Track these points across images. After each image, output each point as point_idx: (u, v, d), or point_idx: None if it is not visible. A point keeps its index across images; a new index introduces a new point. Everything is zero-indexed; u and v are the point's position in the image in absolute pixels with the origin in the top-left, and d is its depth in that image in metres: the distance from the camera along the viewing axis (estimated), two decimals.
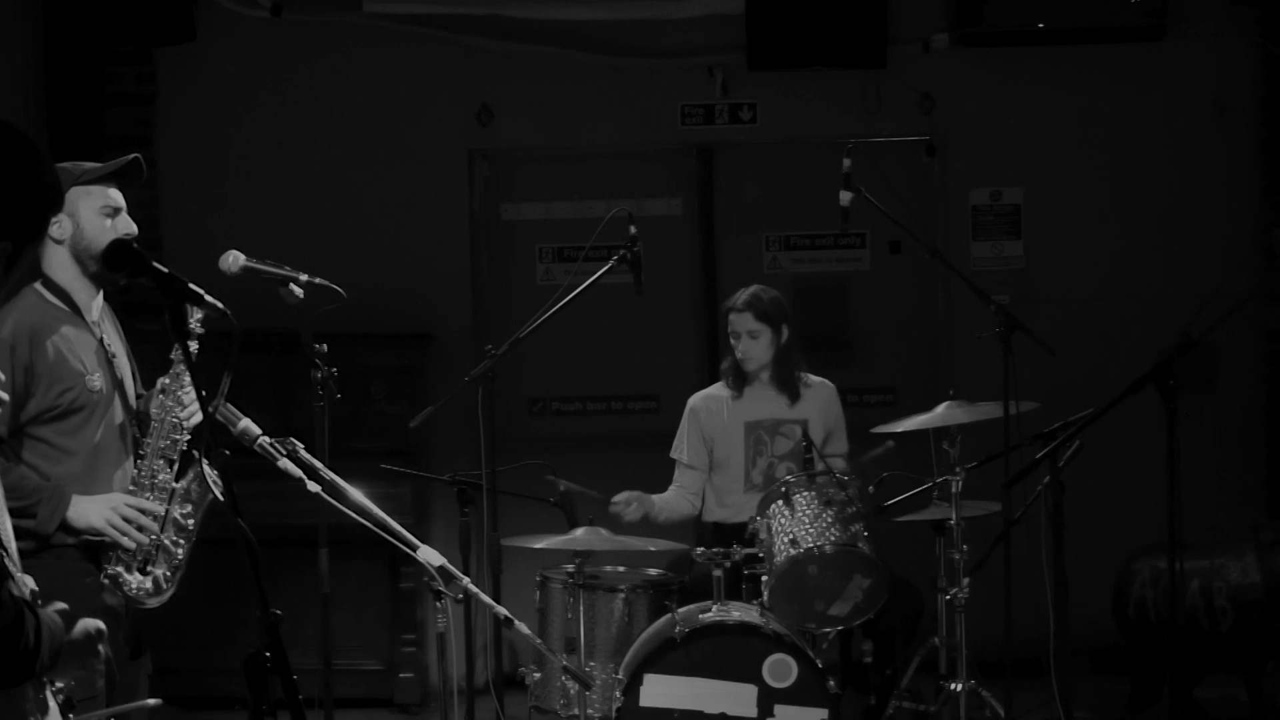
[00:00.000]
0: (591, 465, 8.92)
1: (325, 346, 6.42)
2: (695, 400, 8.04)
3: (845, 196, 7.48)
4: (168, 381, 5.58)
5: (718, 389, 8.01)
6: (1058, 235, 10.12)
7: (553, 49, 10.03)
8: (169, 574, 5.54)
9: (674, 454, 8.03)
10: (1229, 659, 8.24)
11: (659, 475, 8.06)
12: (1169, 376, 5.86)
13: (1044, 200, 10.15)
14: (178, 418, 5.55)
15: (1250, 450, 10.07)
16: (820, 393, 7.96)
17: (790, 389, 7.87)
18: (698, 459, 7.96)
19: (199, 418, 5.48)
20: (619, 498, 7.74)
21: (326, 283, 6.35)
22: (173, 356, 5.54)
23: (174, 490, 5.56)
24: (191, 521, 5.58)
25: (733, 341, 7.88)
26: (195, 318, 5.01)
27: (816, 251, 10.22)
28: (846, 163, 7.49)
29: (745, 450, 7.88)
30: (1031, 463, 6.52)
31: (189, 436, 5.56)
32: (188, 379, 5.48)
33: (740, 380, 7.92)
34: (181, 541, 5.56)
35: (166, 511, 5.54)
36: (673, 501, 7.94)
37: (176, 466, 5.58)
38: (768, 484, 7.60)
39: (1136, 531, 8.21)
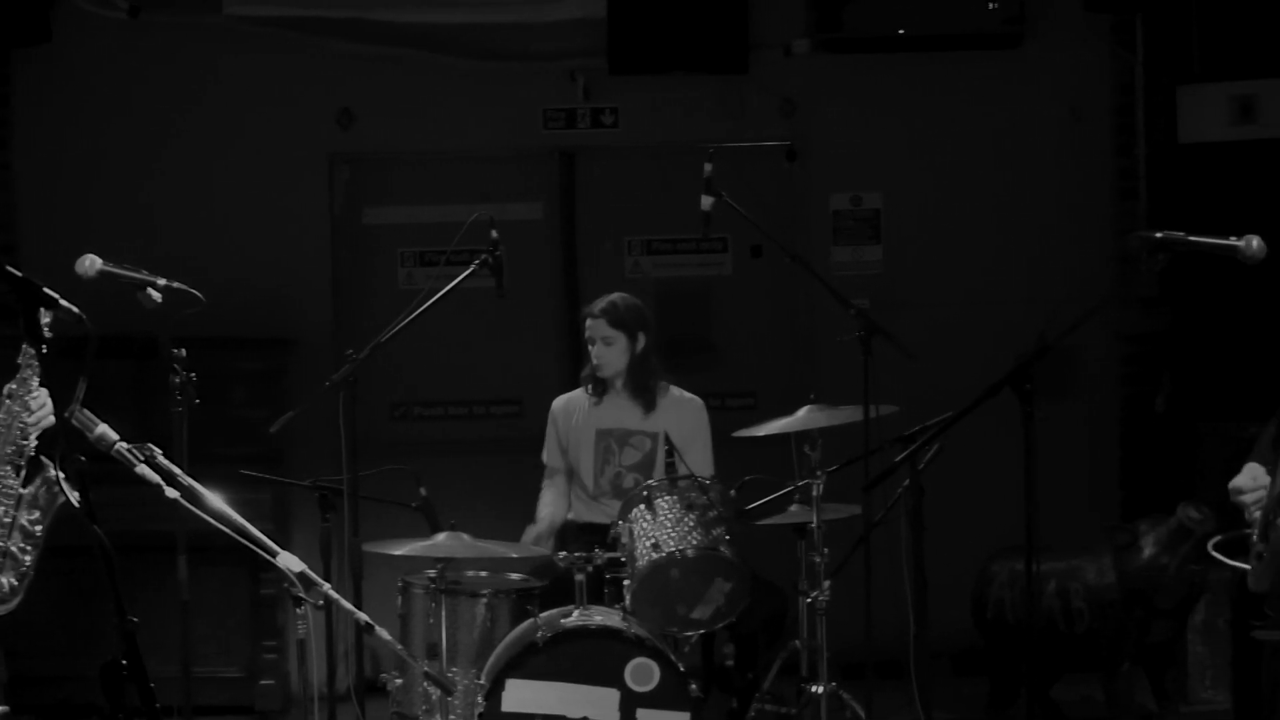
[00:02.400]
0: (454, 470, 8.92)
1: (184, 351, 6.37)
2: (557, 404, 8.04)
3: (707, 201, 7.51)
4: (14, 386, 5.48)
5: (579, 393, 8.01)
6: (917, 240, 10.20)
7: (414, 52, 9.99)
8: (16, 582, 5.46)
9: (544, 458, 8.02)
10: (1085, 659, 8.33)
11: (521, 479, 8.06)
12: (1025, 380, 5.90)
13: (903, 205, 10.22)
14: (24, 423, 5.46)
15: (1106, 453, 10.18)
16: (683, 408, 7.93)
17: (646, 399, 7.86)
18: (557, 461, 7.96)
19: (49, 422, 5.41)
20: (529, 538, 7.71)
21: (185, 287, 6.30)
22: (20, 361, 5.45)
23: (20, 496, 5.48)
24: (39, 528, 5.50)
25: (589, 347, 7.88)
26: (45, 321, 4.94)
27: (678, 256, 10.24)
28: (708, 167, 7.51)
29: (594, 458, 7.88)
30: (891, 466, 6.55)
31: (37, 442, 5.48)
32: (35, 383, 5.40)
33: (599, 387, 7.91)
34: (29, 548, 5.48)
35: (13, 518, 5.46)
36: (554, 517, 7.92)
37: (24, 472, 5.50)
38: (615, 493, 7.62)
39: (996, 534, 8.28)
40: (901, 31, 9.80)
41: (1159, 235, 5.72)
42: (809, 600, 7.37)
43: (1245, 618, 7.20)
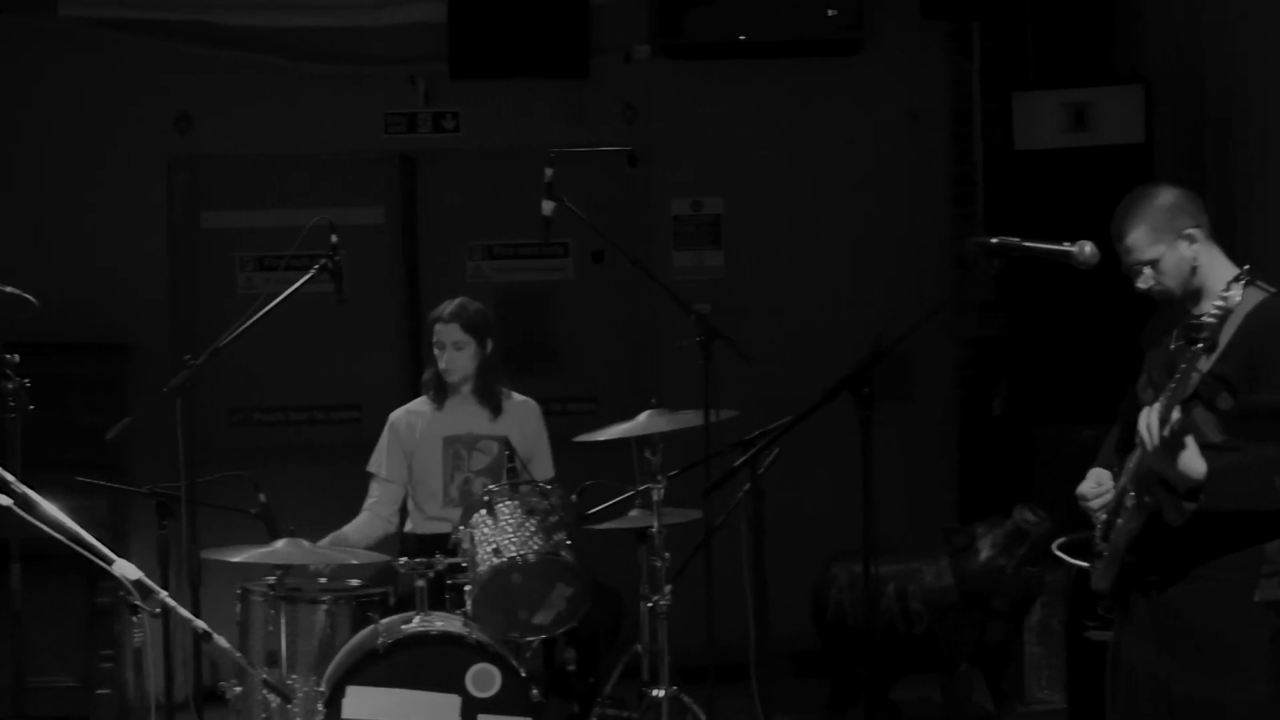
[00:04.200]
0: (293, 475, 8.87)
1: (17, 357, 6.28)
2: (396, 415, 7.97)
3: (547, 206, 7.51)
4: None
5: (419, 403, 7.95)
6: (758, 245, 10.26)
7: (254, 55, 9.93)
8: None
9: (371, 468, 7.94)
10: (924, 661, 8.41)
11: (362, 485, 8.00)
12: (863, 384, 5.95)
13: (744, 211, 10.28)
14: None
15: (943, 456, 10.29)
16: (523, 411, 7.93)
17: (492, 403, 7.85)
18: (396, 473, 7.89)
19: None
20: (321, 542, 7.63)
21: (17, 291, 6.22)
22: None
23: None
24: None
25: (437, 352, 7.83)
26: None
27: (519, 261, 10.25)
28: (549, 172, 7.51)
29: (443, 464, 7.84)
30: (731, 470, 6.59)
31: None
32: None
33: (441, 393, 7.88)
34: None
35: None
36: (364, 528, 7.83)
37: None
38: (465, 499, 7.58)
39: (835, 537, 8.34)
40: (742, 38, 9.86)
41: (994, 241, 5.80)
42: (650, 605, 7.38)
43: (1080, 619, 7.33)
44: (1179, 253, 5.35)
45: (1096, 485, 5.47)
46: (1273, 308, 5.31)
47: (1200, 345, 5.06)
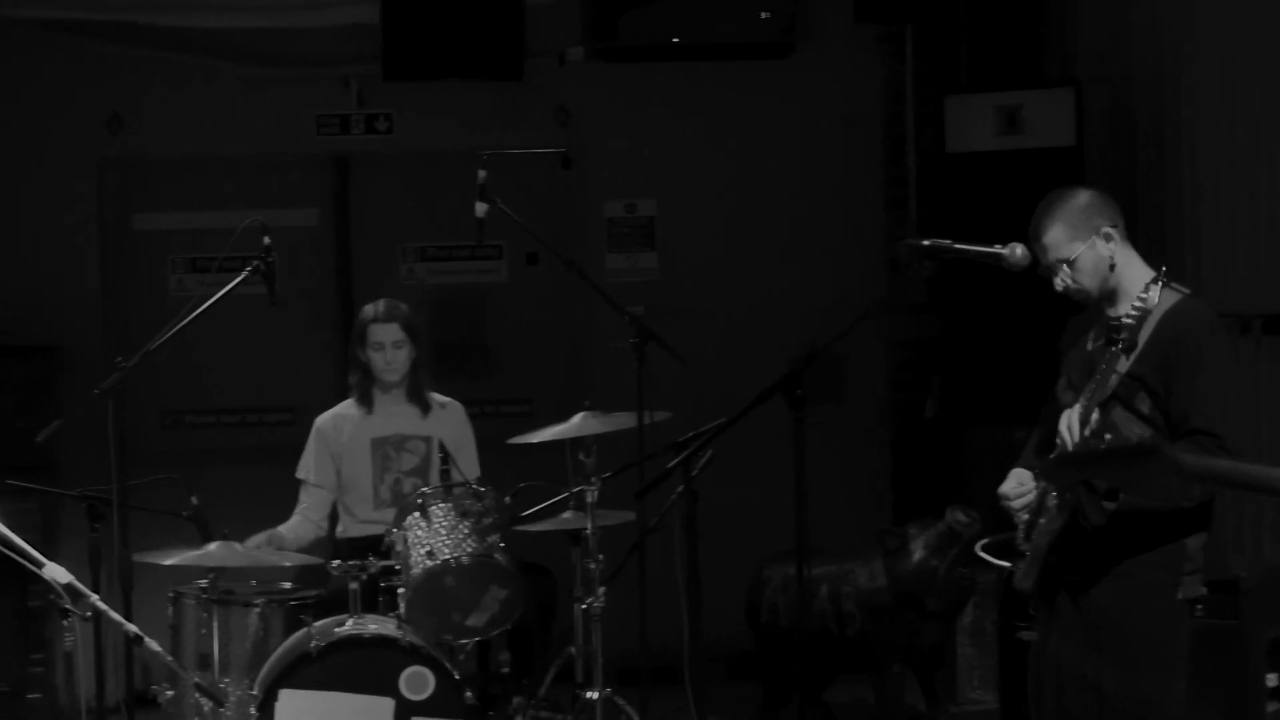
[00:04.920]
0: (227, 478, 8.82)
1: None
2: (322, 419, 7.93)
3: (480, 208, 7.51)
4: None
5: (345, 406, 7.91)
6: (692, 247, 10.28)
7: (187, 56, 9.89)
8: None
9: (300, 473, 7.91)
10: (857, 661, 8.44)
11: (295, 487, 7.98)
12: (796, 386, 5.97)
13: (678, 213, 10.29)
14: None
15: (877, 457, 10.33)
16: (450, 412, 7.93)
17: (421, 403, 7.84)
18: (325, 478, 7.86)
19: None
20: (250, 541, 7.60)
21: None
22: None
23: None
24: None
25: (373, 354, 7.79)
26: None
27: (453, 263, 10.23)
28: (482, 174, 7.51)
29: (372, 466, 7.82)
30: (664, 472, 6.60)
31: None
32: None
33: (368, 396, 7.85)
34: None
35: None
36: (298, 529, 7.81)
37: None
38: (396, 500, 7.57)
39: (769, 539, 8.36)
40: (676, 40, 9.87)
41: (926, 243, 5.83)
42: (584, 607, 7.39)
43: (1011, 619, 7.37)
44: (1096, 251, 5.42)
45: (1018, 485, 5.51)
46: (1186, 310, 5.37)
47: (1118, 347, 5.12)
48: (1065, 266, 5.44)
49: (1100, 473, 3.71)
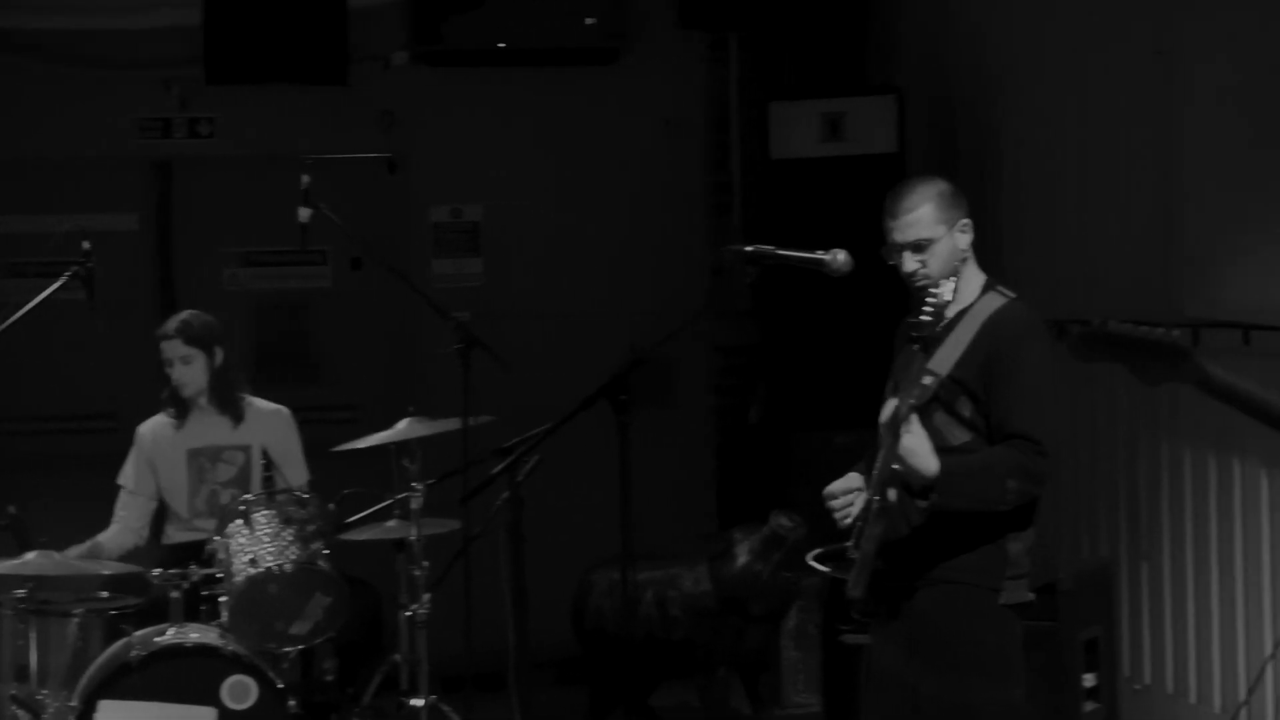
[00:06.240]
0: (46, 485, 8.69)
1: None
2: (143, 429, 7.85)
3: (304, 213, 7.48)
4: None
5: (165, 416, 7.84)
6: (517, 252, 10.28)
7: (4, 57, 9.74)
8: None
9: (121, 480, 7.83)
10: (682, 666, 8.47)
11: (116, 495, 7.89)
12: (620, 391, 5.97)
13: (503, 218, 10.29)
14: None
15: (701, 462, 10.38)
16: (272, 419, 7.85)
17: (232, 412, 7.75)
18: (144, 487, 7.78)
19: None
20: (70, 551, 7.49)
21: None
22: None
23: None
24: None
25: (167, 370, 7.73)
26: None
27: (277, 268, 10.16)
28: (305, 179, 7.47)
29: (188, 478, 7.74)
30: (489, 478, 6.58)
31: None
32: None
33: (181, 408, 7.77)
34: None
35: None
36: (118, 538, 7.73)
37: None
38: (212, 511, 7.51)
39: (596, 544, 8.37)
40: (501, 45, 9.87)
41: (750, 249, 5.84)
42: (409, 614, 7.36)
43: (835, 623, 7.42)
44: (954, 241, 5.43)
45: (845, 484, 5.52)
46: (1009, 314, 5.43)
47: (918, 346, 5.18)
48: (919, 249, 5.41)
49: (1126, 356, 3.64)
